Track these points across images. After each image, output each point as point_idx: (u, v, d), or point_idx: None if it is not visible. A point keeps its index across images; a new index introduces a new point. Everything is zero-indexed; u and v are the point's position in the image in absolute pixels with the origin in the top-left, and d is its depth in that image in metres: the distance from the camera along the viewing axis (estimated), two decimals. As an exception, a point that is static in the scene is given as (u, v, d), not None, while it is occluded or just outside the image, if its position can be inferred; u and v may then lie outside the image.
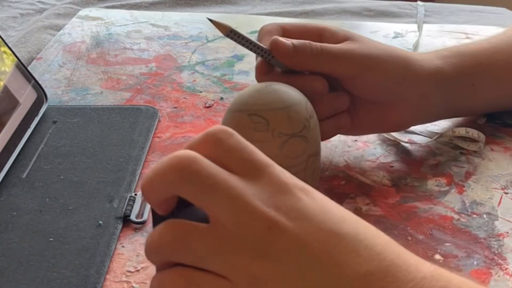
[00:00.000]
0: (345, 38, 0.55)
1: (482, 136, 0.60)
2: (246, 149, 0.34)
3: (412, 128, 0.62)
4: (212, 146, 0.34)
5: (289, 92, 0.48)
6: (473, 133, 0.60)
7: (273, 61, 0.53)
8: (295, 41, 0.52)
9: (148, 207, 0.52)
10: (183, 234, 0.33)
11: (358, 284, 0.32)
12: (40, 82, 0.66)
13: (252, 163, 0.34)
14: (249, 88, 0.49)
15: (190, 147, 0.34)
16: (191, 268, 0.33)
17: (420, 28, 0.89)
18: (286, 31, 0.56)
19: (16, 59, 0.64)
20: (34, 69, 0.76)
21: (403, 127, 0.60)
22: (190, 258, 0.33)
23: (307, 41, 0.52)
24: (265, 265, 0.32)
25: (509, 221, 0.52)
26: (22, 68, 0.64)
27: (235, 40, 0.51)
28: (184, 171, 0.32)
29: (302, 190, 0.34)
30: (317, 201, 0.34)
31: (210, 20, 0.50)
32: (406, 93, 0.56)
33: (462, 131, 0.60)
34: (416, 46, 0.83)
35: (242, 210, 0.32)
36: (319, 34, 0.56)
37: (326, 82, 0.53)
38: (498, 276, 0.46)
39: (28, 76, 0.64)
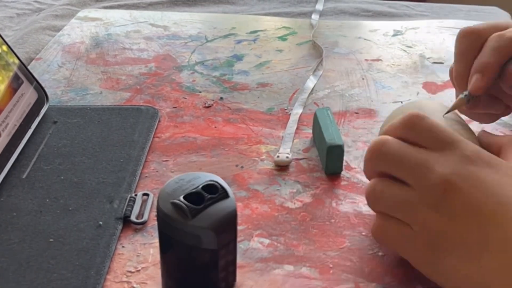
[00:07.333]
0: None
1: None
2: (436, 129, 0.42)
3: None
4: (405, 129, 0.43)
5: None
6: None
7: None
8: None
9: (148, 208, 0.52)
10: (385, 185, 0.43)
11: None
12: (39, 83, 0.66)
13: (440, 139, 0.42)
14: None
15: (387, 132, 0.44)
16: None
17: None
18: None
19: (18, 60, 0.64)
20: (34, 69, 0.76)
21: None
22: (383, 205, 0.43)
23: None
24: (439, 219, 0.39)
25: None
26: (24, 69, 0.64)
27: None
28: (376, 153, 0.43)
29: (487, 163, 0.40)
30: (500, 175, 0.40)
31: None
32: None
33: None
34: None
35: (423, 175, 0.40)
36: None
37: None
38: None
39: (30, 77, 0.64)
